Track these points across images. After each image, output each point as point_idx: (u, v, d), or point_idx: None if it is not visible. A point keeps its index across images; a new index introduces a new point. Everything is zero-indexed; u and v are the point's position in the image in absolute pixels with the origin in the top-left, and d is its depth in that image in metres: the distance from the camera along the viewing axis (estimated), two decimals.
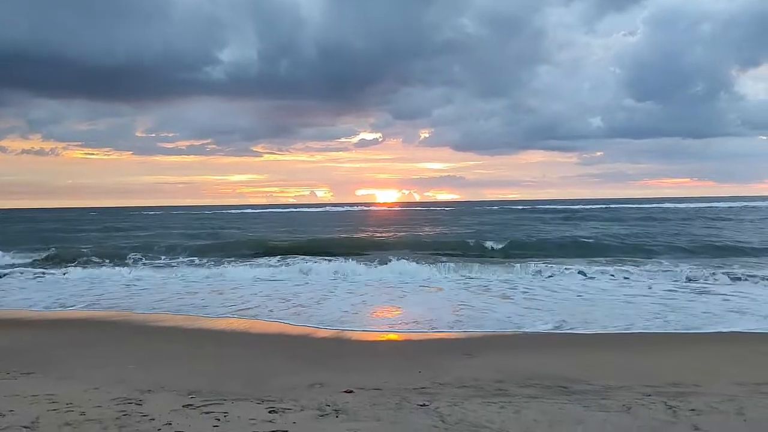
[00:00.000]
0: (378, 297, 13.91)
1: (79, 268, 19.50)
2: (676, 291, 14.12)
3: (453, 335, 9.81)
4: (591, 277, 16.45)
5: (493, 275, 17.05)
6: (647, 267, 17.71)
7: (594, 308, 12.02)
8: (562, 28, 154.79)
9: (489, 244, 25.44)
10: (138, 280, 17.40)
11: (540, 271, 17.24)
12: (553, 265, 17.87)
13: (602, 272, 16.95)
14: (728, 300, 12.73)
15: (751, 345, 8.82)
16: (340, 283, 16.11)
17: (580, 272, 16.96)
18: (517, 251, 24.14)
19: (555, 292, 14.27)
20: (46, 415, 4.93)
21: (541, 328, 10.24)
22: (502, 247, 24.87)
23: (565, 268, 17.44)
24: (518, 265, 18.11)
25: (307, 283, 16.39)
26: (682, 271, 16.50)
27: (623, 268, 17.58)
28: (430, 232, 38.01)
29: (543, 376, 6.76)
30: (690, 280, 15.55)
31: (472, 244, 25.95)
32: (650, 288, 14.62)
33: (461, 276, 17.17)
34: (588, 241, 26.78)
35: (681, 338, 9.41)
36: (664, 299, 12.99)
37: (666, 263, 18.84)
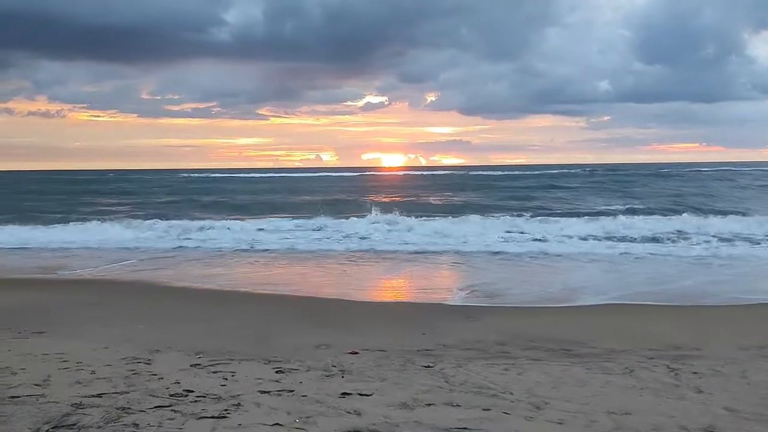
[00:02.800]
0: None
1: None
2: None
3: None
4: None
5: None
6: None
7: None
8: None
9: None
10: None
11: None
12: None
13: None
14: None
15: (752, 310, 8.84)
16: None
17: None
18: None
19: None
20: (57, 373, 5.02)
21: None
22: None
23: None
24: None
25: None
26: None
27: None
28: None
29: (545, 339, 6.82)
30: None
31: None
32: None
33: None
34: None
35: (684, 304, 9.44)
36: None
37: None
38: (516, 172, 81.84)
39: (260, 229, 19.53)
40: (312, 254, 15.25)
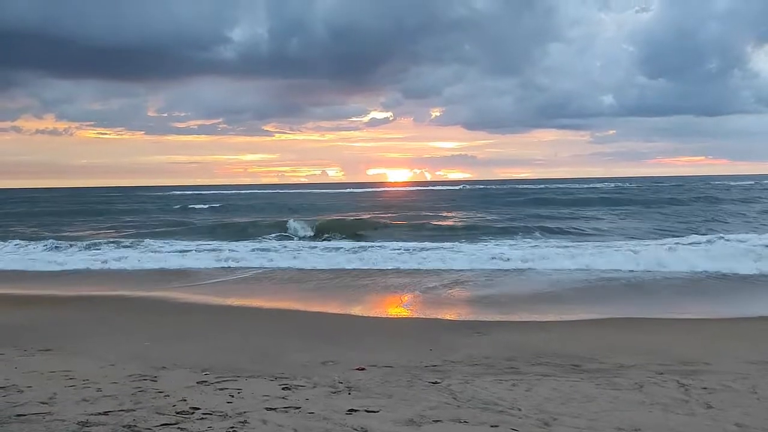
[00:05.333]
0: None
1: None
2: None
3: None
4: None
5: None
6: None
7: None
8: (575, 4, 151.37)
9: None
10: None
11: None
12: None
13: None
14: None
15: (761, 324, 8.77)
16: None
17: None
18: None
19: None
20: (64, 391, 5.01)
21: None
22: None
23: None
24: None
25: None
26: None
27: None
28: None
29: (554, 355, 6.77)
30: None
31: None
32: None
33: None
34: None
35: (691, 317, 9.37)
36: None
37: None
38: (533, 186, 78.08)
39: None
40: (320, 272, 15.24)
